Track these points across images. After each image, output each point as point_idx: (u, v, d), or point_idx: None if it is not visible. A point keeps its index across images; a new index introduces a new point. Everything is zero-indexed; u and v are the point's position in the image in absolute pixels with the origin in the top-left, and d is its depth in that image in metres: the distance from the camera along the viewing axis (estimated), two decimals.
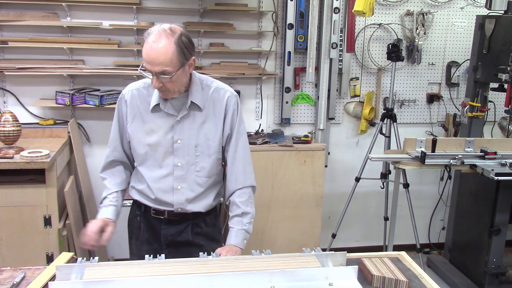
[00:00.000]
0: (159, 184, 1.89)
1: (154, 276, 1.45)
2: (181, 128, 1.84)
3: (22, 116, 3.17)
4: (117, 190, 1.92)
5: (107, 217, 1.83)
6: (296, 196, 3.34)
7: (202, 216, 1.96)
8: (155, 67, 1.68)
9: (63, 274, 1.44)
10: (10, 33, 3.16)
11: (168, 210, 1.92)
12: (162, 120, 1.85)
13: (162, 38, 1.67)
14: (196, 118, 1.85)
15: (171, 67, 1.69)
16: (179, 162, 1.86)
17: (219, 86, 1.90)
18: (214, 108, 1.87)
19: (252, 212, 1.92)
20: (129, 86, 1.92)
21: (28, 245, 2.77)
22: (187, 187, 1.88)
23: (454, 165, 2.90)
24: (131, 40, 3.29)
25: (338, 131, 3.78)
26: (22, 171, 2.69)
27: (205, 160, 1.88)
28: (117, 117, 1.93)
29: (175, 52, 1.68)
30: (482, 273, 3.25)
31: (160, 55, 1.66)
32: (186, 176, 1.88)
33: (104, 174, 1.97)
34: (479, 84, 3.37)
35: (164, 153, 1.86)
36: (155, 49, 1.66)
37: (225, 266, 1.52)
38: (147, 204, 1.95)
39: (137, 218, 2.00)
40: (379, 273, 1.53)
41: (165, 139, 1.85)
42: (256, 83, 3.53)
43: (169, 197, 1.89)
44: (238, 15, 3.39)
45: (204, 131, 1.86)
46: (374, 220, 3.92)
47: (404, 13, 3.62)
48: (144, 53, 1.69)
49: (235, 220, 1.88)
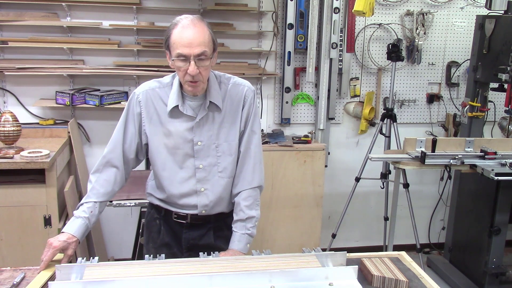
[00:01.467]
0: (182, 187, 1.83)
1: (154, 276, 1.45)
2: (201, 129, 1.78)
3: (22, 116, 3.17)
4: (95, 201, 1.78)
5: (72, 233, 1.68)
6: (296, 196, 3.34)
7: (223, 219, 1.91)
8: (194, 48, 1.61)
9: (63, 274, 1.44)
10: (10, 33, 3.16)
11: (191, 214, 1.86)
12: (181, 122, 1.78)
13: (195, 21, 1.64)
14: (216, 118, 1.79)
15: (209, 48, 1.65)
16: (201, 164, 1.81)
17: (236, 82, 1.84)
18: (232, 105, 1.81)
19: (257, 215, 1.87)
20: (142, 86, 1.83)
21: (28, 245, 2.77)
22: (211, 188, 1.83)
23: (454, 165, 2.90)
24: (131, 40, 3.29)
25: (338, 131, 3.78)
26: (22, 171, 2.69)
27: (227, 160, 1.83)
28: (126, 116, 1.82)
29: (210, 34, 1.66)
30: (482, 273, 3.25)
31: (200, 35, 1.62)
32: (209, 177, 1.82)
33: (92, 177, 1.83)
34: (479, 84, 3.37)
35: (184, 156, 1.80)
36: (193, 30, 1.62)
37: (225, 266, 1.52)
38: (168, 208, 1.89)
39: (156, 222, 1.94)
40: (379, 273, 1.53)
41: (184, 141, 1.78)
42: (256, 83, 3.53)
43: (193, 200, 1.84)
44: (238, 15, 3.39)
45: (224, 130, 1.81)
46: (374, 220, 3.92)
47: (404, 13, 3.62)
48: (179, 37, 1.62)
49: (239, 224, 1.83)
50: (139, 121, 1.81)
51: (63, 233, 1.69)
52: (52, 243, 1.63)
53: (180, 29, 1.63)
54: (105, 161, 1.82)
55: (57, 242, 1.63)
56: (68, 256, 1.65)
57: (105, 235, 3.54)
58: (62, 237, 1.67)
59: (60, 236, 1.67)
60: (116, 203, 2.66)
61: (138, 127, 1.82)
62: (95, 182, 1.81)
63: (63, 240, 1.65)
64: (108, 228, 3.52)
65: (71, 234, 1.69)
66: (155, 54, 3.31)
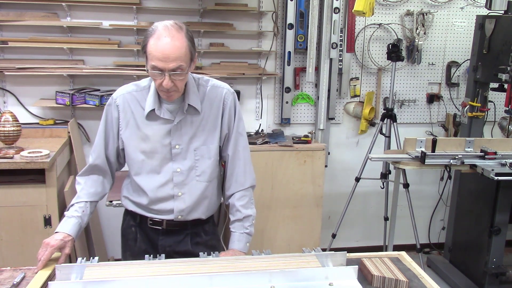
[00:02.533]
0: (158, 192, 1.80)
1: (154, 276, 1.45)
2: (179, 132, 1.76)
3: (22, 116, 3.17)
4: (86, 200, 1.78)
5: (67, 232, 1.68)
6: (296, 196, 3.34)
7: (201, 225, 1.89)
8: (170, 63, 1.57)
9: (63, 274, 1.44)
10: (10, 33, 3.16)
11: (167, 220, 1.84)
12: (158, 125, 1.75)
13: (173, 32, 1.58)
14: (194, 121, 1.77)
15: (185, 62, 1.61)
16: (178, 167, 1.78)
17: (215, 84, 1.82)
18: (211, 107, 1.79)
19: (253, 213, 1.87)
20: (119, 90, 1.81)
21: (28, 245, 2.77)
22: (188, 192, 1.81)
23: (454, 165, 2.90)
24: (131, 40, 3.29)
25: (338, 131, 3.78)
26: (22, 171, 2.68)
27: (205, 163, 1.81)
28: (105, 122, 1.81)
29: (188, 46, 1.61)
30: (482, 273, 3.25)
31: (175, 50, 1.57)
32: (187, 181, 1.80)
33: (80, 179, 1.84)
34: (479, 84, 3.37)
35: (162, 160, 1.78)
36: (169, 44, 1.56)
37: (225, 266, 1.52)
38: (144, 214, 1.86)
39: (131, 229, 1.91)
40: (379, 273, 1.53)
41: (162, 145, 1.76)
42: (256, 83, 3.53)
43: (169, 205, 1.81)
44: (238, 15, 3.39)
45: (203, 133, 1.79)
46: (374, 220, 3.92)
47: (404, 13, 3.62)
48: (154, 50, 1.58)
49: (237, 224, 1.84)
50: (117, 125, 1.80)
51: (58, 233, 1.68)
52: (49, 242, 1.62)
53: (156, 40, 1.58)
54: (91, 167, 1.84)
55: (54, 241, 1.63)
56: (65, 254, 1.66)
57: (105, 235, 3.54)
58: (58, 236, 1.66)
59: (56, 236, 1.66)
60: (116, 203, 2.65)
61: (116, 131, 1.81)
62: (84, 184, 1.82)
63: (60, 239, 1.65)
64: (108, 228, 3.53)
65: (66, 233, 1.68)
66: None
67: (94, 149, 1.84)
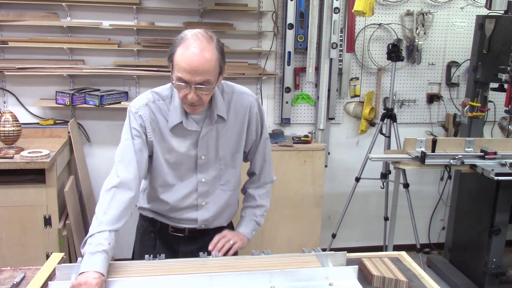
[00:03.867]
0: (181, 202, 1.75)
1: (154, 276, 1.45)
2: (205, 143, 1.69)
3: (22, 116, 3.17)
4: (110, 229, 1.50)
5: (100, 271, 1.39)
6: (296, 196, 3.34)
7: (221, 230, 1.83)
8: (197, 77, 1.48)
9: (63, 274, 1.44)
10: (10, 33, 3.16)
11: (189, 228, 1.79)
12: (184, 137, 1.67)
13: (203, 43, 1.48)
14: (220, 130, 1.70)
15: (213, 76, 1.51)
16: (203, 178, 1.73)
17: (239, 91, 1.74)
18: (236, 116, 1.72)
19: (267, 205, 1.88)
20: (140, 100, 1.67)
21: (28, 245, 2.77)
22: (212, 201, 1.77)
23: (454, 165, 2.90)
24: (131, 40, 3.29)
25: (338, 131, 3.78)
26: (22, 171, 2.68)
27: (230, 173, 1.77)
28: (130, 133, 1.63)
29: (217, 58, 1.51)
30: (482, 273, 3.25)
31: (204, 63, 1.47)
32: (211, 191, 1.76)
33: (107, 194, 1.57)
34: (479, 84, 3.37)
35: (187, 170, 1.72)
36: (197, 56, 1.46)
37: (225, 266, 1.52)
38: (164, 222, 1.81)
39: (150, 235, 1.84)
40: (379, 273, 1.53)
41: (188, 156, 1.69)
42: (256, 83, 3.53)
43: (193, 215, 1.77)
44: (238, 15, 3.39)
45: (229, 142, 1.73)
46: (374, 220, 3.92)
47: (404, 13, 3.62)
48: (181, 61, 1.47)
49: (249, 210, 1.85)
50: (144, 133, 1.65)
51: (87, 272, 1.38)
52: (91, 282, 1.36)
53: (185, 49, 1.48)
54: (119, 182, 1.58)
55: (94, 280, 1.36)
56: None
57: None
58: (93, 274, 1.38)
59: (89, 275, 1.38)
60: None
61: (145, 139, 1.66)
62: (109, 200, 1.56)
63: (97, 277, 1.38)
64: None
65: (100, 272, 1.40)
66: (155, 54, 3.31)
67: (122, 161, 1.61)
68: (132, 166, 1.61)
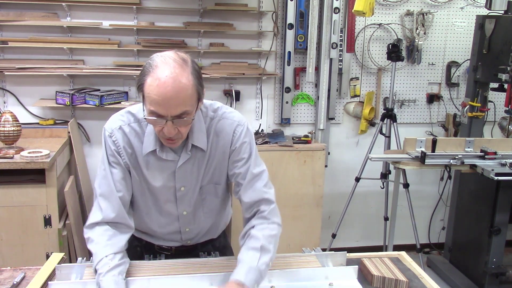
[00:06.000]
0: (165, 229, 1.66)
1: (154, 276, 1.45)
2: (184, 174, 1.52)
3: (22, 116, 3.17)
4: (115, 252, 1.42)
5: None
6: (296, 196, 3.34)
7: (211, 242, 1.78)
8: (172, 110, 1.29)
9: (63, 274, 1.44)
10: (10, 33, 3.16)
11: (176, 246, 1.72)
12: (160, 166, 1.50)
13: (176, 69, 1.28)
14: (200, 160, 1.53)
15: (191, 106, 1.33)
16: (184, 210, 1.61)
17: (225, 116, 1.54)
18: (218, 143, 1.53)
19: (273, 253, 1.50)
20: (114, 122, 1.50)
21: (28, 245, 2.77)
22: (196, 227, 1.68)
23: (454, 165, 2.90)
24: (131, 40, 3.29)
25: (338, 131, 3.78)
26: (22, 171, 2.68)
27: (212, 202, 1.65)
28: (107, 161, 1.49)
29: (194, 85, 1.31)
30: (482, 273, 3.25)
31: (179, 93, 1.27)
32: (194, 219, 1.65)
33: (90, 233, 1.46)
34: (479, 84, 3.37)
35: (165, 201, 1.58)
36: (171, 86, 1.26)
37: (225, 266, 1.52)
38: (149, 241, 1.73)
39: (137, 249, 1.74)
40: (379, 273, 1.53)
41: (166, 187, 1.54)
42: (256, 83, 3.53)
43: (177, 237, 1.69)
44: (238, 15, 3.39)
45: (209, 171, 1.57)
46: (374, 220, 3.92)
47: (404, 13, 3.62)
48: (153, 93, 1.28)
49: (251, 254, 1.43)
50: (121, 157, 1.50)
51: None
52: None
53: (155, 79, 1.28)
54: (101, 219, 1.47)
55: None
56: None
57: None
58: None
59: None
60: None
61: (123, 163, 1.50)
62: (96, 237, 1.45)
63: None
64: None
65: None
66: None
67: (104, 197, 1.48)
68: (114, 201, 1.48)
